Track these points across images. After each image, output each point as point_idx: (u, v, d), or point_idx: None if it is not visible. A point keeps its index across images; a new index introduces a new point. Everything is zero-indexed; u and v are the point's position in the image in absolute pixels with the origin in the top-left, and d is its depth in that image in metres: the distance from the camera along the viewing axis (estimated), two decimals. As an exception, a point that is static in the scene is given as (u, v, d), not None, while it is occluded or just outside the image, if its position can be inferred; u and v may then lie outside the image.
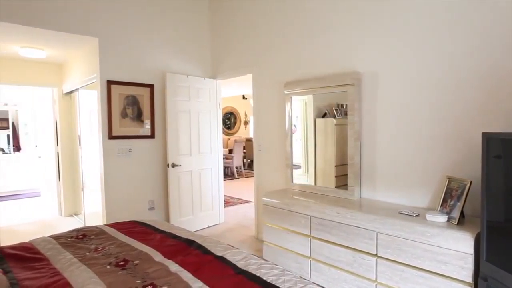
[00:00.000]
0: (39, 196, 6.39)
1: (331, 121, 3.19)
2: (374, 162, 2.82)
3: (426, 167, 2.48)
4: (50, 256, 2.02)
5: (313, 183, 3.32)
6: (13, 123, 7.50)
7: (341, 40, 3.03)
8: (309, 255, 2.75)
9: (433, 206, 2.43)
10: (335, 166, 3.15)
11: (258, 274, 1.67)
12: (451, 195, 2.17)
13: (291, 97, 3.44)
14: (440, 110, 2.39)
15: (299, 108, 3.46)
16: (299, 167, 3.48)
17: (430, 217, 2.15)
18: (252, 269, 1.74)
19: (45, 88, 5.18)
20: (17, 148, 7.53)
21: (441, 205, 2.21)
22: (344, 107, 3.00)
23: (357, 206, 2.63)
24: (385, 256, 2.23)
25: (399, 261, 2.16)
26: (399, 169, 2.65)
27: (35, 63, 4.85)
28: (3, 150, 7.30)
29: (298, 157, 3.48)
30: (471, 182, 2.06)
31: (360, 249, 2.37)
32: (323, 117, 3.26)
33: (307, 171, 3.41)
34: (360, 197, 2.90)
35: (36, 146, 6.91)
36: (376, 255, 2.29)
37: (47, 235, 2.51)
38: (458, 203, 2.09)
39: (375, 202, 2.73)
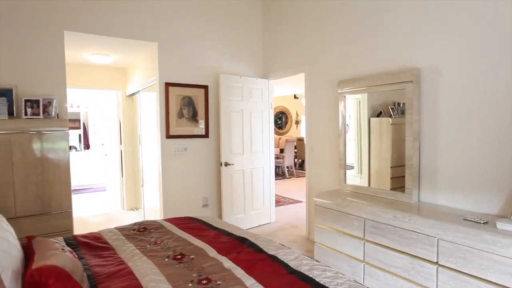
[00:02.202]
0: (105, 190, 6.95)
1: (386, 120, 3.06)
2: (435, 163, 2.64)
3: (497, 171, 2.27)
4: (116, 246, 2.19)
5: (366, 185, 3.20)
6: (83, 124, 8.24)
7: (399, 36, 2.88)
8: (362, 259, 2.67)
9: (504, 213, 2.21)
10: (391, 167, 3.01)
11: (310, 275, 1.66)
12: (525, 201, 1.96)
13: (344, 96, 3.35)
14: (513, 107, 2.18)
15: (352, 107, 3.37)
16: (351, 167, 3.38)
17: (502, 225, 1.96)
18: (304, 269, 1.73)
19: (110, 91, 5.61)
20: (87, 146, 8.26)
21: (514, 212, 2.02)
22: (401, 106, 2.85)
23: (415, 209, 2.49)
24: (447, 264, 2.09)
25: (464, 271, 2.01)
26: (464, 172, 2.46)
27: (102, 69, 5.27)
28: (75, 148, 8.05)
29: (350, 158, 3.39)
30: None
31: (419, 256, 2.24)
32: (378, 116, 3.13)
33: (361, 172, 3.31)
34: (418, 201, 2.74)
35: (102, 144, 7.52)
36: (436, 263, 2.15)
37: (112, 226, 2.72)
38: (535, 211, 1.88)
39: (435, 206, 2.57)
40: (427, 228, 2.19)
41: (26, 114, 3.13)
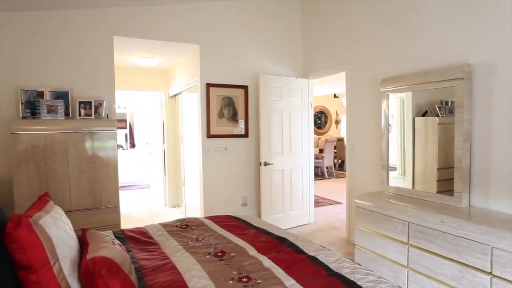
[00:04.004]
0: (149, 188, 7.26)
1: (433, 120, 2.91)
2: (488, 166, 2.47)
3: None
4: (160, 241, 2.28)
5: (410, 187, 3.07)
6: (129, 124, 8.67)
7: (447, 30, 2.73)
8: (406, 264, 2.56)
9: None
10: (437, 169, 2.86)
11: (352, 279, 1.62)
12: None
13: (387, 94, 3.24)
14: None
15: (395, 106, 3.24)
16: (394, 169, 3.26)
17: None
18: (345, 272, 1.70)
19: (154, 92, 5.85)
20: (132, 145, 8.69)
21: None
22: (449, 104, 2.70)
23: (465, 214, 2.35)
24: (503, 276, 1.94)
25: (521, 282, 1.86)
26: (521, 175, 2.28)
27: (147, 71, 5.51)
28: (122, 147, 8.49)
29: (393, 158, 3.27)
30: None
31: (470, 264, 2.11)
32: (423, 115, 2.99)
33: (404, 173, 3.18)
34: (469, 205, 2.58)
35: (146, 143, 7.86)
36: (490, 273, 2.01)
37: (155, 222, 2.84)
38: None
39: (488, 212, 2.40)
40: (479, 235, 2.06)
41: (80, 115, 3.36)
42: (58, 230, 1.43)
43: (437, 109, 2.86)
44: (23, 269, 1.23)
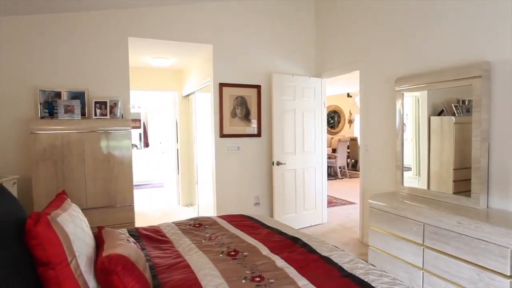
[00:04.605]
0: (162, 187, 7.35)
1: (449, 119, 2.85)
2: (508, 166, 2.41)
3: None
4: (173, 240, 2.30)
5: (425, 187, 3.02)
6: (143, 123, 8.78)
7: (465, 27, 2.67)
8: (421, 266, 2.52)
9: None
10: (454, 169, 2.80)
11: (366, 280, 1.61)
12: None
13: (402, 93, 3.19)
14: None
15: (410, 105, 3.19)
16: (409, 169, 3.21)
17: None
18: (359, 273, 1.68)
19: (168, 92, 5.91)
20: (146, 144, 8.80)
21: None
22: (466, 103, 2.65)
23: (483, 216, 2.29)
24: (521, 278, 1.90)
25: (541, 286, 1.81)
26: (542, 176, 2.21)
27: (161, 71, 5.57)
28: (136, 146, 8.61)
29: (408, 159, 3.22)
30: None
31: (488, 267, 2.06)
32: (439, 114, 2.93)
33: (419, 173, 3.13)
34: (487, 207, 2.52)
35: (160, 143, 7.96)
36: (510, 276, 1.96)
37: (169, 221, 2.87)
38: None
39: (507, 213, 2.34)
40: (498, 237, 2.01)
41: (95, 115, 3.42)
42: (75, 227, 1.46)
43: (454, 108, 2.80)
44: (42, 265, 1.26)
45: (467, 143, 2.59)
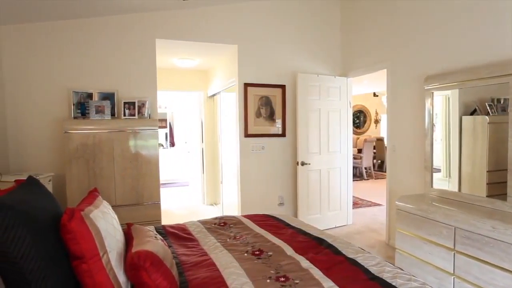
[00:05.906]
0: (188, 185, 7.47)
1: (482, 119, 2.73)
2: (547, 169, 2.28)
3: None
4: (199, 238, 2.34)
5: (456, 190, 2.91)
6: (169, 123, 8.97)
7: (499, 22, 2.55)
8: (452, 272, 2.43)
9: None
10: (487, 171, 2.68)
11: (394, 284, 1.57)
12: None
13: (432, 92, 3.09)
14: None
15: (440, 105, 3.08)
16: (438, 170, 3.10)
17: None
18: (386, 277, 1.64)
19: (193, 93, 6.01)
20: (172, 144, 8.98)
21: None
22: (502, 102, 2.53)
23: (520, 221, 2.18)
24: (562, 287, 1.79)
25: None
26: None
27: (187, 72, 5.67)
28: (162, 146, 8.81)
29: (437, 160, 3.11)
30: None
31: (524, 274, 1.96)
32: (471, 114, 2.82)
33: (449, 175, 3.01)
34: (524, 211, 2.40)
35: (185, 142, 8.10)
36: (548, 284, 1.86)
37: (194, 219, 2.92)
38: None
39: (547, 219, 2.22)
40: (535, 243, 1.91)
41: (124, 115, 3.53)
42: (106, 223, 1.52)
43: (488, 107, 2.68)
44: (75, 259, 1.32)
45: (503, 144, 2.48)
